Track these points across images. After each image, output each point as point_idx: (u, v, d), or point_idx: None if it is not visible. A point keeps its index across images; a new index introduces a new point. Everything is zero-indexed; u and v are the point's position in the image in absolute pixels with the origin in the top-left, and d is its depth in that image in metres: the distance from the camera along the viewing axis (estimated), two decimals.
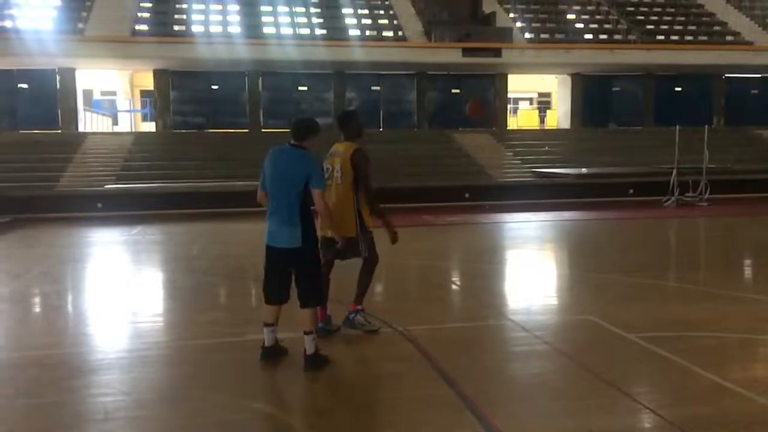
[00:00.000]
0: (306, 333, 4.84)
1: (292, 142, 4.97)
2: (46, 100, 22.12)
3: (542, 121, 32.19)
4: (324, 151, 5.67)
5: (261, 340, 5.13)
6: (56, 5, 23.12)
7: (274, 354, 5.07)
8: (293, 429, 3.94)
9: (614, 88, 26.45)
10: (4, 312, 7.21)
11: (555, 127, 27.87)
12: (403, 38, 23.84)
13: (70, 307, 7.73)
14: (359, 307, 5.73)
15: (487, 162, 20.86)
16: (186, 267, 9.91)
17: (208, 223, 15.04)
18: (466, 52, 22.26)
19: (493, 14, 24.84)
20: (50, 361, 5.30)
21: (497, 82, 25.13)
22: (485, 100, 22.00)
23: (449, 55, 22.50)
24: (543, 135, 26.71)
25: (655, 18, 27.05)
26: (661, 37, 25.85)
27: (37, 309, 7.71)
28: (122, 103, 31.29)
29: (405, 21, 24.65)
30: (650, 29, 26.25)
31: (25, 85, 22.31)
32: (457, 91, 25.32)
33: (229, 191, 17.41)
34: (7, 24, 21.82)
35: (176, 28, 23.04)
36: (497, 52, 22.44)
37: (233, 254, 10.97)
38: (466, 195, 18.32)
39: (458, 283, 8.79)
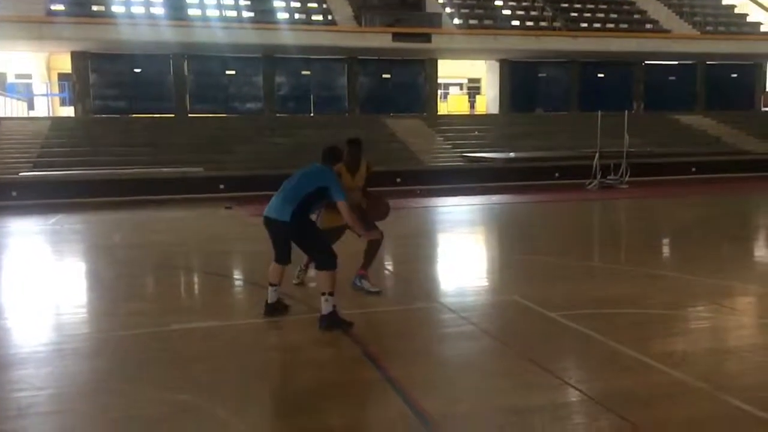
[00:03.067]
0: (321, 294, 5.37)
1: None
2: None
3: (472, 106, 32.65)
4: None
5: (187, 330, 5.00)
6: None
7: (276, 309, 5.79)
8: (218, 418, 3.85)
9: (540, 74, 27.03)
10: None
11: (484, 113, 28.31)
12: (333, 22, 23.60)
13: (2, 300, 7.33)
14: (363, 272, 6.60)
15: (418, 147, 21.00)
16: (108, 257, 9.55)
17: (131, 211, 14.54)
18: (396, 37, 22.27)
19: (422, 0, 24.92)
20: None
21: (427, 67, 25.26)
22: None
23: (379, 40, 22.45)
24: (472, 120, 27.08)
25: (579, 6, 27.73)
26: (585, 25, 26.58)
27: None
28: (39, 86, 29.82)
29: (335, 5, 24.39)
30: (574, 17, 26.93)
31: None
32: (388, 76, 25.32)
33: (154, 178, 16.92)
34: None
35: (95, 8, 21.98)
36: (427, 38, 22.56)
37: (158, 242, 10.65)
38: (398, 179, 18.39)
39: (389, 267, 8.81)
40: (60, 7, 21.52)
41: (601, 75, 27.19)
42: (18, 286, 7.86)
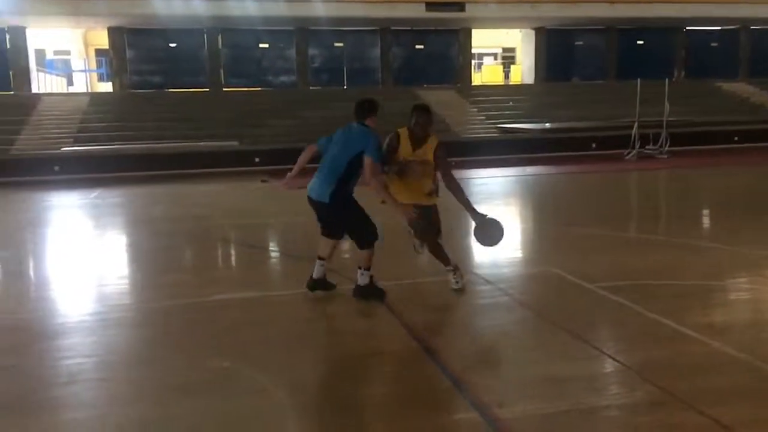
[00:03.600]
0: (359, 267, 5.41)
1: (356, 121, 5.37)
2: None
3: (506, 76, 32.16)
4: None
5: (227, 300, 5.11)
6: None
7: (320, 285, 5.55)
8: (258, 384, 3.95)
9: (577, 43, 26.47)
10: None
11: (519, 83, 27.89)
12: None
13: (29, 272, 7.58)
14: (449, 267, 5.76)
15: (452, 118, 20.83)
16: (148, 229, 9.76)
17: (169, 184, 14.79)
18: (429, 6, 21.99)
19: None
20: (12, 326, 5.22)
21: (461, 37, 24.94)
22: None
23: (412, 10, 22.19)
24: (507, 90, 26.69)
25: None
26: None
27: (16, 274, 7.53)
28: (77, 62, 30.26)
29: None
30: None
31: None
32: (421, 46, 25.07)
33: (190, 152, 17.15)
34: None
35: None
36: (461, 7, 22.21)
37: (196, 215, 10.82)
38: None
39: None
40: None
41: (641, 42, 26.50)
42: (62, 258, 8.10)
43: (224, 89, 22.90)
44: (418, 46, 25.10)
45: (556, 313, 5.14)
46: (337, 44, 24.37)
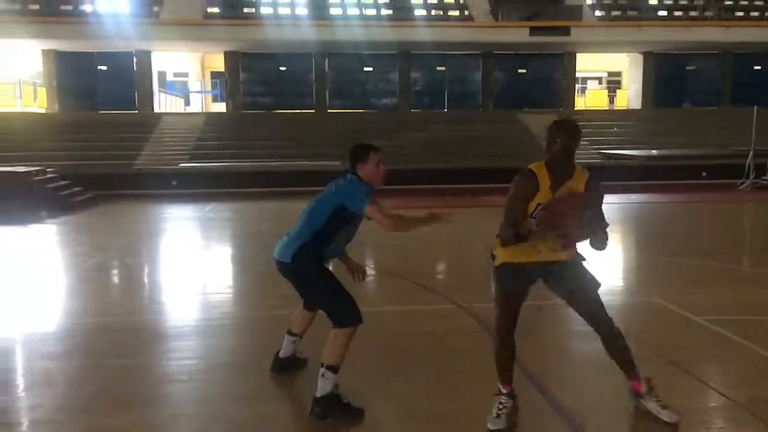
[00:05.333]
0: (321, 364, 3.88)
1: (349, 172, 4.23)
2: (123, 81, 23.07)
3: (612, 101, 31.35)
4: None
5: None
6: None
7: (287, 364, 4.54)
8: (362, 393, 4.13)
9: (689, 67, 25.50)
10: (94, 281, 7.71)
11: (625, 107, 27.13)
12: (469, 18, 23.63)
13: (150, 279, 8.20)
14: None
15: None
16: (257, 243, 10.27)
17: (275, 201, 15.45)
18: (534, 31, 21.91)
19: None
20: (134, 327, 5.70)
21: (565, 61, 24.64)
22: None
23: (516, 34, 22.20)
24: (612, 115, 26.02)
25: None
26: (741, 14, 24.72)
27: (122, 279, 8.21)
28: (194, 84, 32.25)
29: (471, 0, 24.40)
30: (728, 5, 25.12)
31: (104, 67, 23.32)
32: (524, 70, 24.97)
33: (296, 170, 17.83)
34: (87, 8, 22.79)
35: (246, 10, 23.55)
36: (566, 31, 22.00)
37: None
38: None
39: None
40: (215, 10, 23.21)
41: (758, 67, 25.17)
42: (178, 266, 8.69)
43: (329, 111, 23.70)
44: (520, 70, 25.01)
45: (659, 343, 5.03)
46: (439, 68, 24.71)
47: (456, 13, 24.44)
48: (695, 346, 5.03)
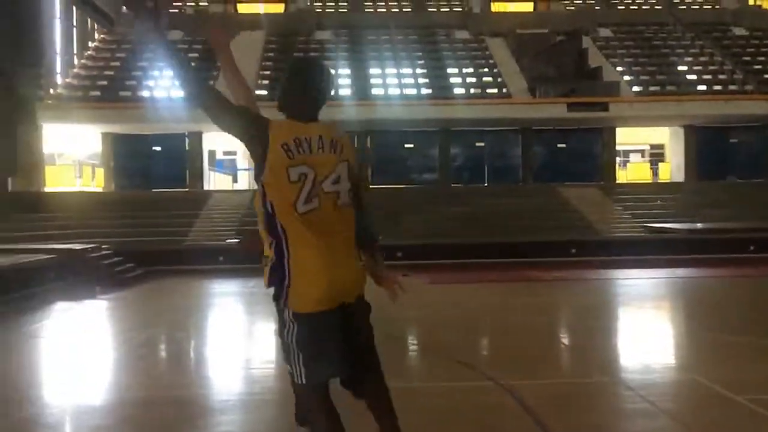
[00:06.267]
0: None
1: None
2: (176, 161, 24.18)
3: (655, 173, 31.24)
4: None
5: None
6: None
7: None
8: None
9: (732, 140, 25.40)
10: (144, 356, 8.00)
11: (668, 180, 27.01)
12: (508, 95, 24.24)
13: (197, 353, 8.45)
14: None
15: (595, 216, 20.55)
16: None
17: None
18: (572, 107, 22.31)
19: (599, 69, 24.80)
20: (181, 401, 5.90)
21: (605, 134, 24.87)
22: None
23: (554, 110, 22.63)
24: (655, 188, 25.91)
25: None
26: None
27: (169, 354, 8.48)
28: (241, 162, 33.44)
29: (509, 78, 25.10)
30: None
31: (158, 148, 24.50)
32: (563, 145, 25.26)
33: None
34: (144, 93, 24.22)
35: None
36: (604, 107, 22.34)
37: None
38: (573, 250, 18.09)
39: (564, 339, 8.79)
40: (263, 93, 24.36)
41: None
42: (222, 341, 8.94)
43: (371, 186, 24.26)
44: (559, 145, 25.31)
45: (700, 424, 4.98)
46: (478, 143, 25.20)
47: (495, 90, 25.11)
48: (737, 428, 4.96)
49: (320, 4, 32.93)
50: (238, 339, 8.95)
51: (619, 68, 25.74)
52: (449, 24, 29.93)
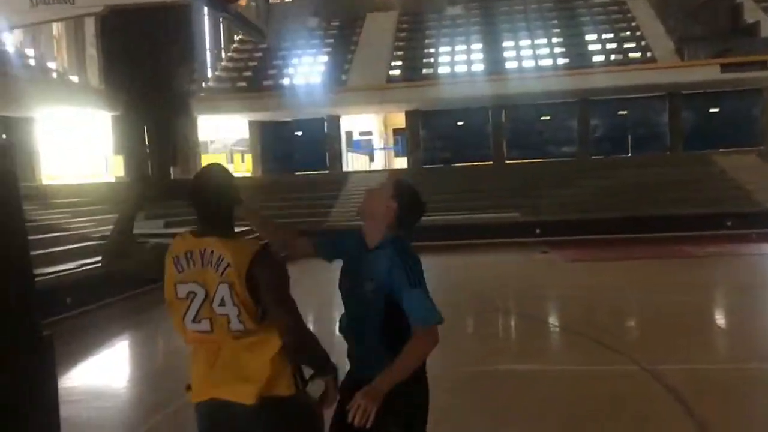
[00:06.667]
0: None
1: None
2: (316, 144, 25.20)
3: None
4: None
5: (509, 371, 5.49)
6: (323, 61, 26.33)
7: None
8: None
9: None
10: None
11: None
12: (652, 59, 22.82)
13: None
14: None
15: (753, 186, 18.94)
16: (436, 298, 10.68)
17: (454, 254, 15.88)
18: (726, 68, 20.60)
19: (756, 24, 22.65)
20: None
21: (765, 96, 22.74)
22: None
23: (705, 73, 21.02)
24: None
25: None
26: None
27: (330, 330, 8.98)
28: (377, 141, 34.20)
29: (653, 41, 23.59)
30: None
31: (299, 133, 25.67)
32: (716, 109, 23.45)
33: (474, 223, 18.18)
34: (285, 81, 25.39)
35: (425, 71, 24.79)
36: (763, 65, 20.41)
37: (480, 285, 11.51)
38: (728, 223, 16.86)
39: (719, 320, 8.31)
40: (397, 73, 24.72)
41: None
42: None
43: (506, 162, 23.94)
44: (712, 109, 23.50)
45: None
46: (620, 112, 24.00)
47: (637, 55, 23.73)
48: None
49: None
50: None
51: None
52: None
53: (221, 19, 24.92)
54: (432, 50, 26.43)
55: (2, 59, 16.37)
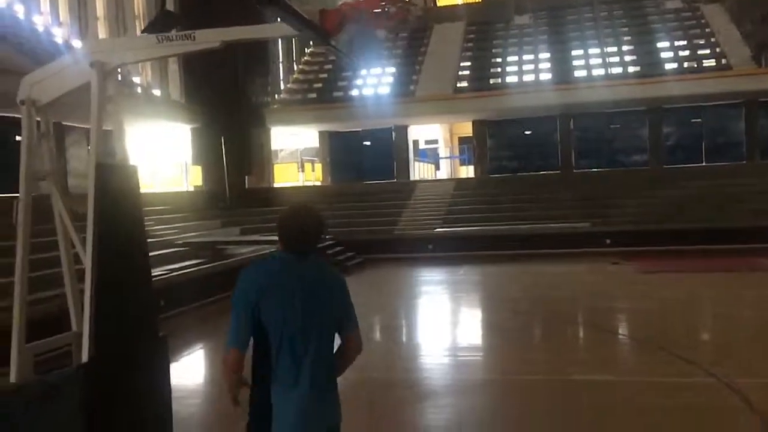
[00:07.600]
0: None
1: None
2: (384, 154, 25.62)
3: None
4: None
5: (584, 381, 5.65)
6: (392, 72, 26.78)
7: None
8: None
9: None
10: (373, 339, 8.88)
11: None
12: (728, 66, 22.24)
13: (406, 337, 9.20)
14: None
15: None
16: (507, 308, 10.85)
17: (523, 264, 15.94)
18: None
19: None
20: (392, 382, 6.62)
21: None
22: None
23: None
24: None
25: None
26: None
27: (397, 338, 9.33)
28: (442, 150, 34.40)
29: (729, 47, 22.97)
30: None
31: (368, 143, 26.18)
32: None
33: (543, 233, 18.16)
34: (355, 93, 25.96)
35: (492, 81, 24.88)
36: None
37: (549, 295, 11.60)
38: None
39: None
40: (464, 84, 24.92)
41: None
42: (435, 326, 9.60)
43: (574, 171, 23.73)
44: None
45: None
46: (694, 120, 23.44)
47: (712, 62, 23.16)
48: None
49: None
50: (453, 326, 9.55)
51: None
52: None
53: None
54: (499, 60, 26.49)
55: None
